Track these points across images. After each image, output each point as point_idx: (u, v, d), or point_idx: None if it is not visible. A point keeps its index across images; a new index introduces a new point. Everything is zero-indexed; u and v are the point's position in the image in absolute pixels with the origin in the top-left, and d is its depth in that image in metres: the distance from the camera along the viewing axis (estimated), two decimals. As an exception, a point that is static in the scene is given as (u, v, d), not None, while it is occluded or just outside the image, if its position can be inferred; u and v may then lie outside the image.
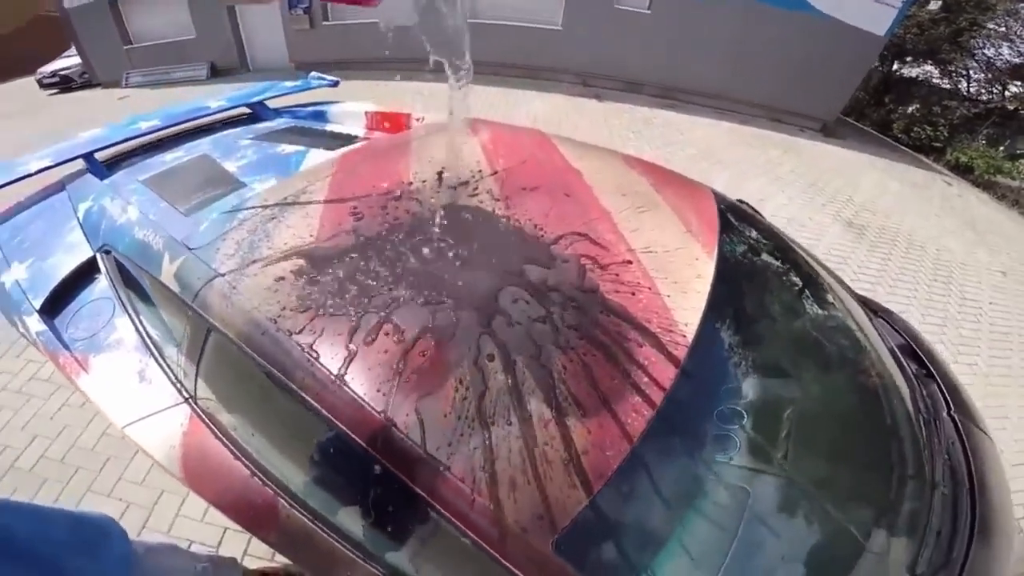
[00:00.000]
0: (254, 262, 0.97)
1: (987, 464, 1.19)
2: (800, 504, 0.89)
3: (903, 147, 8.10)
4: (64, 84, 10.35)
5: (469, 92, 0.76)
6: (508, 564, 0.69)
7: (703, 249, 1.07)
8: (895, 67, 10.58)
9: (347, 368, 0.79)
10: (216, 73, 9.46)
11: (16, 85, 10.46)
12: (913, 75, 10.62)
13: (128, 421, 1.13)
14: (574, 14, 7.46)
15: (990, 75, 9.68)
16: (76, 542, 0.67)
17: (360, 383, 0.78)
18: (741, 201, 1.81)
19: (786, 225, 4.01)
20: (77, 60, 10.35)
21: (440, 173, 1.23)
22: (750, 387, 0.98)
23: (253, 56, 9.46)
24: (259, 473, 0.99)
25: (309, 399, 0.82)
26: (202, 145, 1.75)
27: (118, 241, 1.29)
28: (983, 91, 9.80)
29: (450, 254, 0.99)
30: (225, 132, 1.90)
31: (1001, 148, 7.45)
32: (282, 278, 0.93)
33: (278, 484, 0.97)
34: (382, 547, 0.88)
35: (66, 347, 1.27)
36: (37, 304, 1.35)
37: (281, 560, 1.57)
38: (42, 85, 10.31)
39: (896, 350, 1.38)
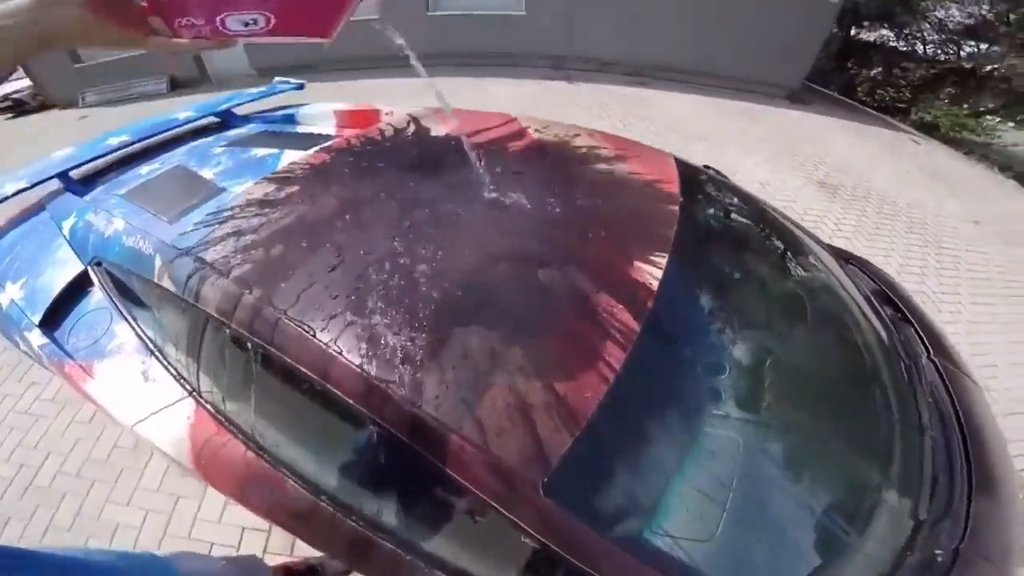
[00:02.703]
0: (242, 251, 1.02)
1: (976, 408, 1.16)
2: (787, 449, 0.91)
3: (869, 110, 8.22)
4: (18, 107, 9.71)
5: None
6: (498, 506, 0.72)
7: (667, 210, 1.12)
8: (853, 32, 10.74)
9: (338, 337, 0.84)
10: (176, 86, 9.02)
11: (-32, 111, 9.92)
12: (871, 39, 10.79)
13: (136, 420, 1.18)
14: (536, -2, 7.35)
15: (943, 36, 9.87)
16: (132, 566, 0.75)
17: (351, 351, 0.82)
18: (706, 167, 1.81)
19: (760, 189, 4.00)
20: (27, 82, 9.70)
21: (414, 164, 1.28)
22: (722, 339, 1.01)
23: (213, 66, 8.99)
24: (264, 455, 1.04)
25: (306, 372, 0.86)
26: (176, 156, 1.74)
27: (108, 251, 1.32)
28: (939, 52, 9.98)
29: (428, 232, 1.04)
30: (197, 142, 1.87)
31: (965, 106, 7.58)
32: (270, 262, 0.98)
33: (283, 463, 1.02)
34: (387, 514, 0.92)
35: (69, 356, 1.31)
36: (37, 319, 1.39)
37: (300, 552, 1.57)
38: None
39: (871, 296, 1.37)
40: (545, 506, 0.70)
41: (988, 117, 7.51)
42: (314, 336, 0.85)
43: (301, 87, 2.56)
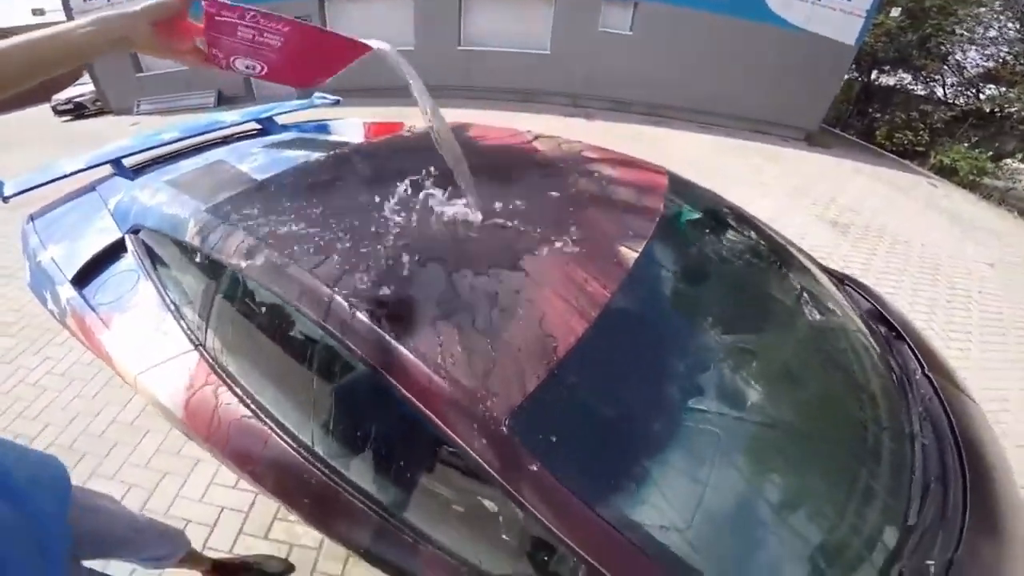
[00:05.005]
0: (263, 216, 1.15)
1: (973, 422, 1.18)
2: (764, 441, 0.94)
3: (887, 153, 8.28)
4: (77, 111, 10.50)
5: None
6: (461, 440, 0.76)
7: (650, 210, 1.21)
8: (874, 76, 10.86)
9: (323, 266, 0.95)
10: (223, 100, 9.81)
11: (34, 111, 10.59)
12: (891, 83, 10.88)
13: (141, 370, 1.28)
14: (561, 38, 7.82)
15: (963, 79, 9.87)
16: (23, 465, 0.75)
17: (338, 285, 0.91)
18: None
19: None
20: (90, 88, 10.57)
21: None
22: (702, 326, 1.07)
23: (258, 84, 9.75)
24: (253, 408, 1.14)
25: (302, 310, 0.94)
26: (218, 153, 1.96)
27: (148, 218, 1.47)
28: (958, 95, 9.91)
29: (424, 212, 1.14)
30: (238, 143, 2.11)
31: (989, 152, 7.52)
32: (289, 228, 1.10)
33: (268, 417, 1.11)
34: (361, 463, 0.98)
35: (92, 309, 1.45)
36: (69, 275, 1.55)
37: (275, 536, 1.63)
38: (56, 112, 10.47)
39: (864, 314, 1.41)
40: (506, 440, 0.74)
41: (1008, 160, 7.47)
42: (296, 263, 0.96)
43: (338, 102, 2.89)
